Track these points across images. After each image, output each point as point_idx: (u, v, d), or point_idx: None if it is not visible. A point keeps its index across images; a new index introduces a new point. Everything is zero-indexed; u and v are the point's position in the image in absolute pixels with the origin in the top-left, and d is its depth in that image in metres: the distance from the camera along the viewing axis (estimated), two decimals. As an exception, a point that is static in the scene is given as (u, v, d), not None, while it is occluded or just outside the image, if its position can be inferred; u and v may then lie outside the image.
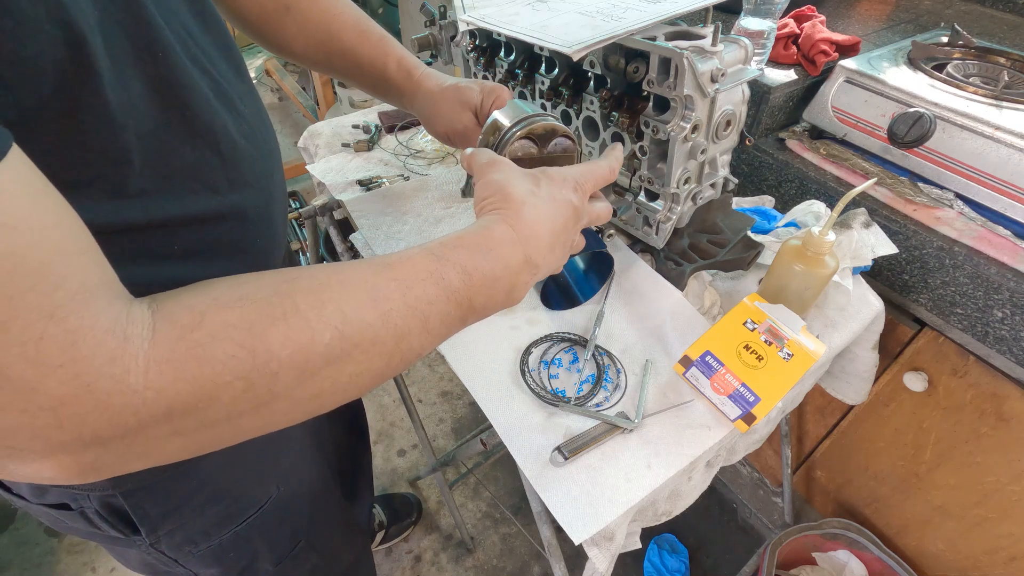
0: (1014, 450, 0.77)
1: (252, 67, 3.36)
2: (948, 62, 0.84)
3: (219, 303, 0.27)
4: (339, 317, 0.29)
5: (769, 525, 1.31)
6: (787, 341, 0.58)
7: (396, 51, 0.62)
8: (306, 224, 1.03)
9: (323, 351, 0.29)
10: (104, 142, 0.30)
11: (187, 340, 0.25)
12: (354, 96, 2.16)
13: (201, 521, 0.54)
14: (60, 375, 0.22)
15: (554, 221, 0.40)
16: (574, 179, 0.43)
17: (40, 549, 1.35)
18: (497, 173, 0.41)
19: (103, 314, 0.23)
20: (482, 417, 1.23)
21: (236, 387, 0.26)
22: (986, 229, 0.71)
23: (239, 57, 0.44)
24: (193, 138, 0.36)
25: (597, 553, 0.52)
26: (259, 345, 0.27)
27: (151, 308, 0.26)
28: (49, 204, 0.23)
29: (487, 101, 0.58)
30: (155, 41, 0.32)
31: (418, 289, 0.33)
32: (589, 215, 0.46)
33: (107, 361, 0.23)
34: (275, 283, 0.29)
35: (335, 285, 0.30)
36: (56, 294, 0.22)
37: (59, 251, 0.23)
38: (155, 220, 0.35)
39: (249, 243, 0.43)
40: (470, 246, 0.36)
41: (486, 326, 0.67)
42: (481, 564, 1.34)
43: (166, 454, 0.28)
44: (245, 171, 0.41)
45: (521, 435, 0.57)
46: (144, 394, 0.24)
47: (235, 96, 0.41)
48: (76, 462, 0.24)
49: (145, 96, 0.32)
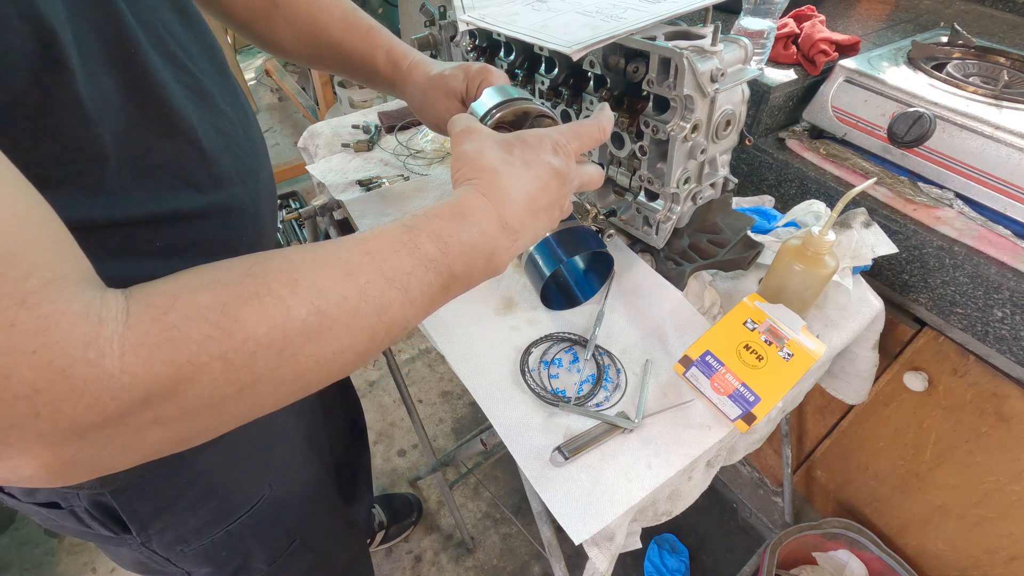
0: (1014, 450, 0.77)
1: (252, 67, 3.36)
2: (948, 62, 0.84)
3: (191, 287, 0.27)
4: (314, 293, 0.29)
5: (769, 525, 1.31)
6: (787, 341, 0.58)
7: (385, 42, 0.62)
8: (306, 224, 1.03)
9: (300, 327, 0.28)
10: (78, 138, 0.30)
11: (161, 322, 0.25)
12: (354, 96, 2.16)
13: (192, 520, 0.54)
14: (34, 361, 0.22)
15: (531, 185, 0.39)
16: (552, 140, 0.42)
17: (40, 549, 1.35)
18: (469, 143, 0.41)
19: (76, 300, 0.23)
20: (482, 417, 1.23)
21: (214, 368, 0.26)
22: (986, 229, 0.71)
23: (221, 55, 0.44)
24: (172, 135, 0.36)
25: (597, 553, 0.52)
26: (233, 325, 0.26)
27: (124, 295, 0.25)
28: (19, 194, 0.23)
29: (472, 86, 0.57)
30: (127, 39, 0.32)
31: (392, 260, 0.32)
32: (580, 177, 0.44)
33: (81, 345, 0.23)
34: (246, 266, 0.29)
35: (307, 263, 0.30)
36: (27, 282, 0.22)
37: (30, 240, 0.23)
38: (135, 217, 0.34)
39: (235, 241, 0.43)
40: (443, 215, 0.36)
41: (486, 326, 0.67)
42: (481, 564, 1.33)
43: (149, 447, 0.27)
44: (228, 168, 0.41)
45: (521, 435, 0.57)
46: (121, 378, 0.23)
47: (216, 94, 0.41)
48: (56, 457, 0.24)
49: (117, 92, 0.32)
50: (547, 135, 0.42)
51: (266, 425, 0.57)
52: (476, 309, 0.69)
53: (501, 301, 0.70)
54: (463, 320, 0.68)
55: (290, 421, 0.64)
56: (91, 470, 0.26)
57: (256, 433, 0.57)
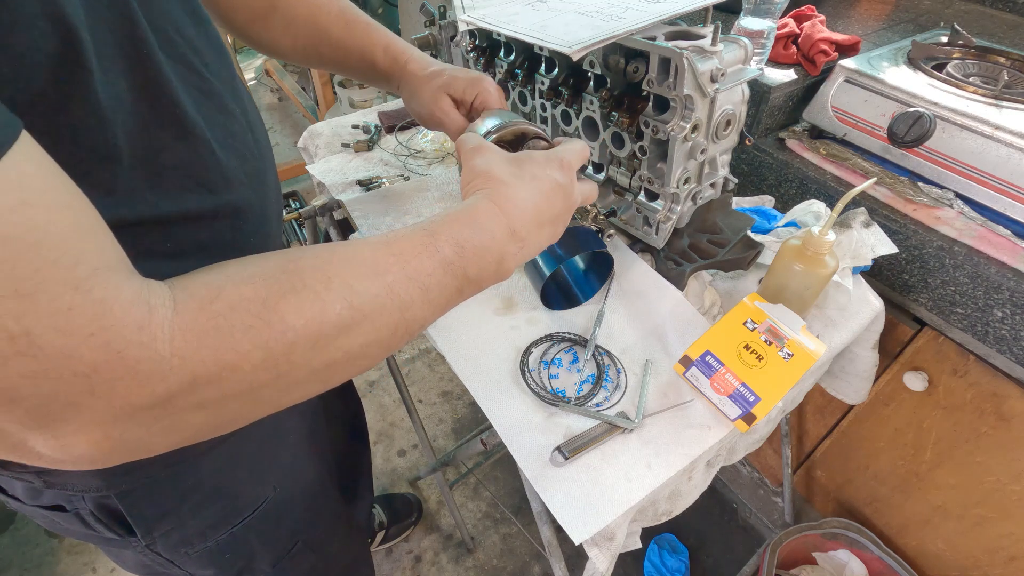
0: (1014, 450, 0.77)
1: (252, 67, 3.36)
2: (948, 62, 0.84)
3: (233, 280, 0.28)
4: (346, 289, 0.31)
5: (769, 525, 1.31)
6: (787, 341, 0.58)
7: (383, 38, 0.63)
8: (306, 224, 1.03)
9: (335, 320, 0.30)
10: (94, 138, 0.30)
11: (208, 311, 0.26)
12: (354, 96, 2.16)
13: (197, 522, 0.54)
14: (92, 343, 0.23)
15: (537, 197, 0.42)
16: (558, 158, 0.45)
17: (40, 550, 1.35)
18: (481, 159, 0.43)
19: (125, 286, 0.24)
20: (482, 417, 1.23)
21: (255, 356, 0.27)
22: (986, 229, 0.71)
23: (230, 57, 0.45)
24: (183, 136, 0.36)
25: (597, 553, 0.52)
26: (273, 316, 0.28)
27: (168, 285, 0.27)
28: (61, 185, 0.24)
29: (470, 92, 0.59)
30: (140, 40, 0.32)
31: (416, 262, 0.34)
32: (582, 193, 0.48)
33: (135, 329, 0.24)
34: (281, 263, 0.31)
35: (338, 262, 0.32)
36: (79, 268, 0.23)
37: (76, 228, 0.23)
38: (147, 217, 0.35)
39: (243, 242, 0.43)
40: (459, 220, 0.38)
41: (486, 326, 0.67)
42: (481, 564, 1.34)
43: (189, 430, 0.28)
44: (237, 170, 0.42)
45: (521, 435, 0.57)
46: (171, 361, 0.25)
47: (226, 95, 0.42)
48: (107, 436, 0.25)
49: (130, 93, 0.32)
50: (553, 154, 0.45)
51: (270, 426, 0.58)
52: (476, 309, 0.69)
53: (501, 301, 0.70)
54: (463, 320, 0.68)
55: (293, 422, 0.64)
56: (136, 450, 0.27)
57: (260, 435, 0.57)
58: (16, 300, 0.21)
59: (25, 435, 0.24)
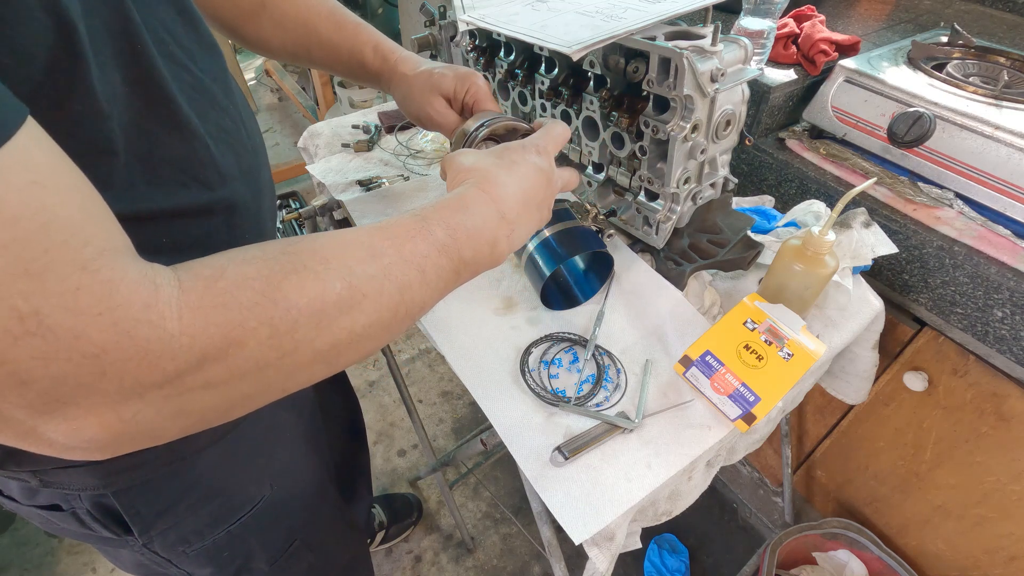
0: (1014, 450, 0.77)
1: (252, 67, 3.36)
2: (948, 62, 0.84)
3: (235, 261, 0.29)
4: (344, 270, 0.31)
5: (769, 525, 1.31)
6: (787, 341, 0.58)
7: (372, 37, 0.64)
8: (306, 224, 1.03)
9: (336, 300, 0.31)
10: (91, 131, 0.30)
11: (213, 289, 0.27)
12: (354, 96, 2.16)
13: (194, 520, 0.54)
14: (100, 323, 0.23)
15: (522, 182, 0.44)
16: (534, 144, 0.47)
17: (40, 550, 1.35)
18: (462, 156, 0.46)
19: (131, 267, 0.24)
20: (482, 417, 1.23)
21: (261, 333, 0.28)
22: (986, 229, 0.71)
23: (221, 55, 0.45)
24: (178, 131, 0.37)
25: (597, 553, 0.52)
26: (277, 294, 0.28)
27: (171, 267, 0.27)
28: (68, 168, 0.24)
29: (460, 89, 0.59)
30: (134, 35, 0.33)
31: (410, 245, 0.35)
32: (561, 178, 0.50)
33: (143, 308, 0.24)
34: (280, 247, 0.31)
35: (334, 246, 0.33)
36: (87, 249, 0.23)
37: (83, 210, 0.24)
38: (143, 212, 0.35)
39: (238, 239, 0.44)
40: (448, 206, 0.39)
41: (486, 326, 0.67)
42: (481, 564, 1.34)
43: (198, 413, 0.28)
44: (231, 166, 0.42)
45: (521, 435, 0.57)
46: (180, 339, 0.25)
47: (218, 92, 0.42)
48: (118, 418, 0.25)
49: (124, 87, 0.32)
50: (528, 141, 0.48)
51: (267, 425, 0.58)
52: (476, 309, 0.69)
53: (501, 301, 0.70)
54: (463, 320, 0.68)
55: (290, 421, 0.64)
56: (145, 435, 0.27)
57: (257, 433, 0.57)
58: (26, 280, 0.21)
59: (36, 421, 0.24)
